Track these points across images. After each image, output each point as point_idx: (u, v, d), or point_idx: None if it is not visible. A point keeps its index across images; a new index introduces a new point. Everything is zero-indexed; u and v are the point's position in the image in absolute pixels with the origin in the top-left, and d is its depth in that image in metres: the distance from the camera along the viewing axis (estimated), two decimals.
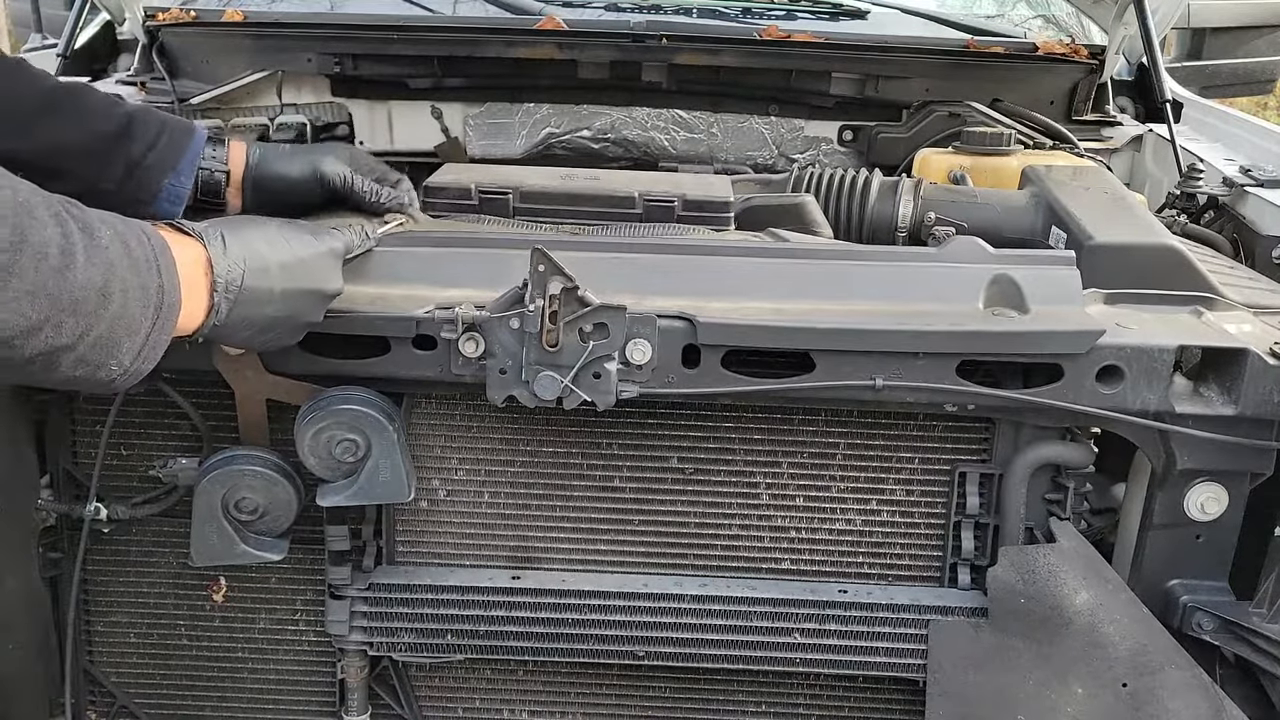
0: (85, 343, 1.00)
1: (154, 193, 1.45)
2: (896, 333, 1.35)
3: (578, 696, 1.65)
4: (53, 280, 0.95)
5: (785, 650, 1.52)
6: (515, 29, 2.33)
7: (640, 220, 1.59)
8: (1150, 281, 1.49)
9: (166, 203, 1.46)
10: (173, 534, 1.55)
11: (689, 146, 2.43)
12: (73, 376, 1.02)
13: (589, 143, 2.43)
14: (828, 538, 1.54)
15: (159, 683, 1.65)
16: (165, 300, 1.07)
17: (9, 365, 0.96)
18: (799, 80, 2.37)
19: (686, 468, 1.52)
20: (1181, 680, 1.42)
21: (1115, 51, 2.41)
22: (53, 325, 0.96)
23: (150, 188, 1.45)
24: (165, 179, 1.46)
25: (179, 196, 1.47)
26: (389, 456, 1.39)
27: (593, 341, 1.32)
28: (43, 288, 0.94)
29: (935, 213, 1.73)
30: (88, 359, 1.02)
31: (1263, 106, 6.52)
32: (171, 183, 1.46)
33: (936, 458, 1.51)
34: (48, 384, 1.13)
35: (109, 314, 1.01)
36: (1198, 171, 2.02)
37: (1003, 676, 1.47)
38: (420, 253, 1.43)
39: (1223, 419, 1.38)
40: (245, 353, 1.38)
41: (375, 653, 1.56)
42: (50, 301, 0.95)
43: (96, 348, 1.02)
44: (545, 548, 1.56)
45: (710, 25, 2.50)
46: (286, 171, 1.53)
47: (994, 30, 2.73)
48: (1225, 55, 2.90)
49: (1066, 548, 1.45)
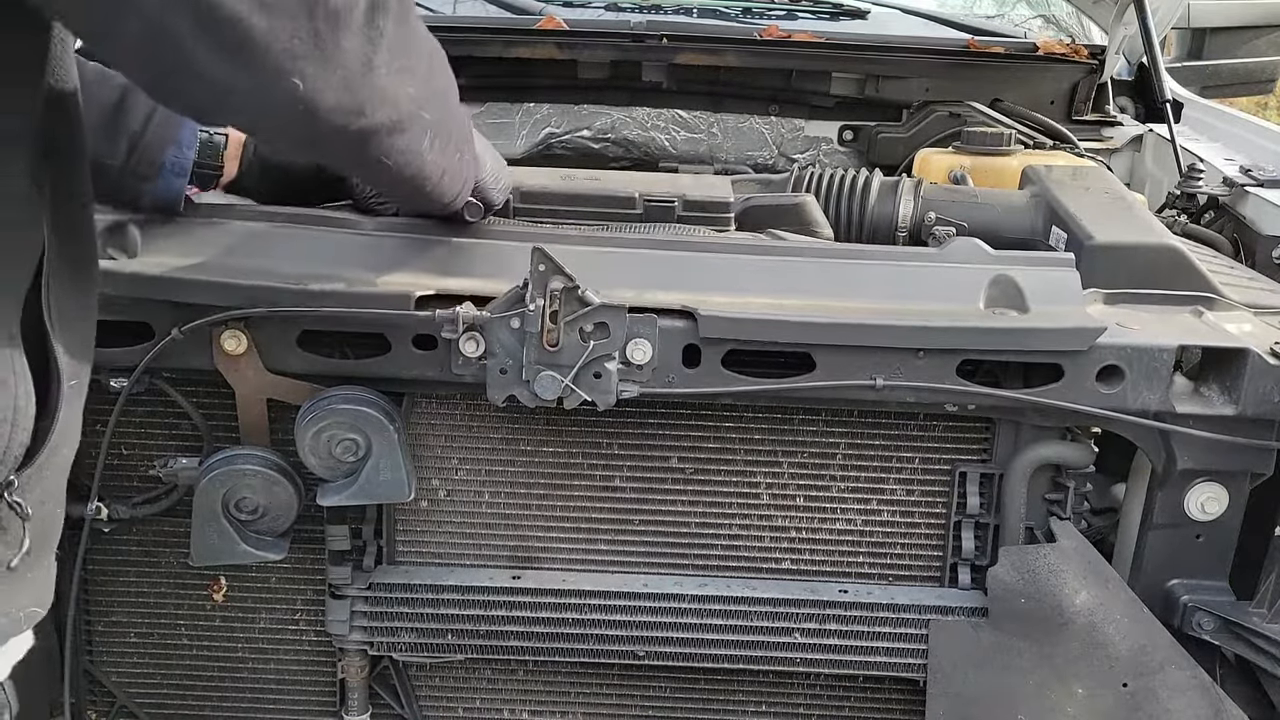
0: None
1: (157, 168, 1.40)
2: (898, 328, 1.35)
3: (578, 696, 1.65)
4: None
5: (785, 650, 1.52)
6: (515, 29, 2.34)
7: (640, 220, 1.59)
8: (1150, 281, 1.49)
9: (171, 176, 1.41)
10: (173, 534, 1.55)
11: (689, 146, 2.43)
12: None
13: (589, 143, 2.43)
14: (828, 537, 1.54)
15: (159, 682, 1.65)
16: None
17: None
18: (799, 80, 2.37)
19: (687, 467, 1.52)
20: (1182, 680, 1.42)
21: (1115, 51, 2.41)
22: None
23: (153, 162, 1.40)
24: (167, 152, 1.40)
25: (183, 169, 1.42)
26: (389, 456, 1.39)
27: (593, 341, 1.32)
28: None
29: (935, 213, 1.73)
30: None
31: (1263, 106, 6.52)
32: (174, 156, 1.41)
33: (937, 457, 1.51)
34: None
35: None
36: (1198, 171, 2.02)
37: (1003, 676, 1.47)
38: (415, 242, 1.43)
39: (1223, 419, 1.38)
40: (246, 353, 1.38)
41: (375, 652, 1.56)
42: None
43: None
44: (545, 547, 1.56)
45: (710, 25, 2.50)
46: None
47: (994, 30, 2.74)
48: (1225, 55, 2.90)
49: (1067, 547, 1.45)
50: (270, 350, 1.40)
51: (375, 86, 0.96)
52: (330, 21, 0.86)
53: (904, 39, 2.44)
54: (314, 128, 0.93)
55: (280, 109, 0.90)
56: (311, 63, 0.87)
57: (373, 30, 0.91)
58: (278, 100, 0.88)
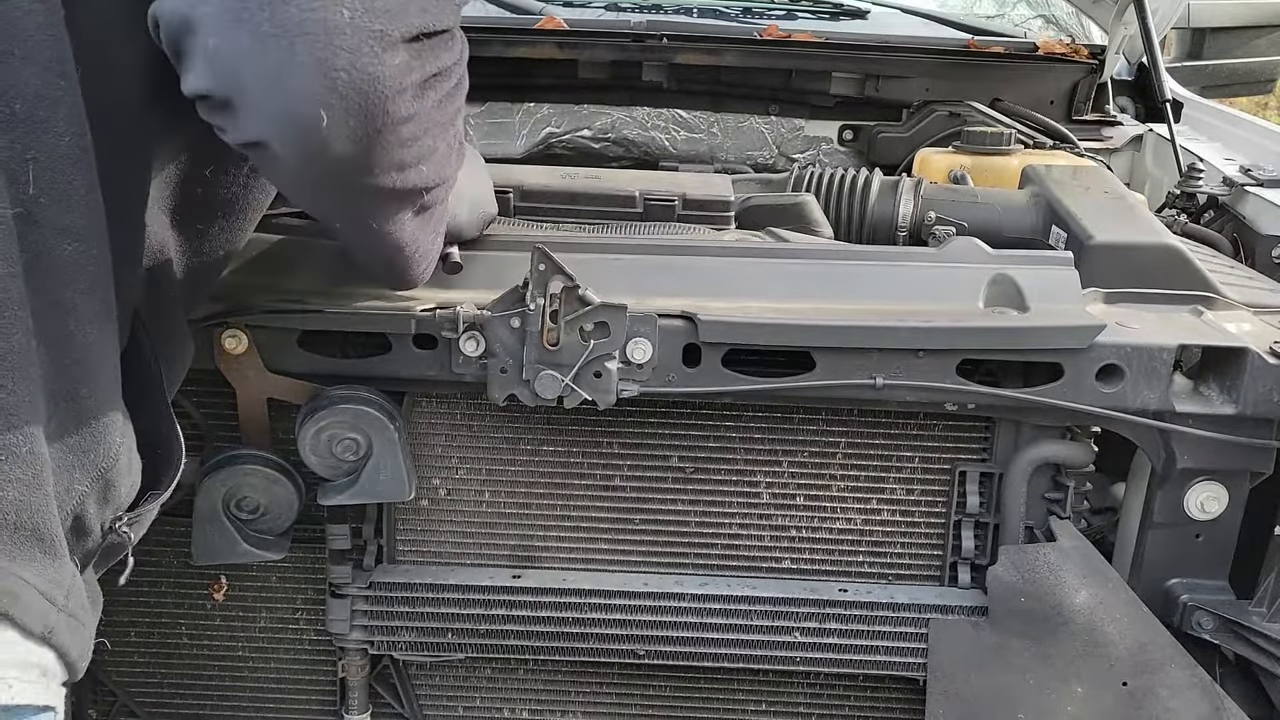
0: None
1: None
2: (898, 329, 1.35)
3: (578, 695, 1.65)
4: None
5: (785, 649, 1.52)
6: (515, 28, 2.34)
7: (641, 219, 1.59)
8: (1150, 281, 1.49)
9: None
10: (173, 533, 1.55)
11: (689, 146, 2.43)
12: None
13: (589, 142, 2.43)
14: (828, 537, 1.54)
15: (159, 682, 1.65)
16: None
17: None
18: (799, 80, 2.37)
19: (687, 467, 1.52)
20: (1182, 679, 1.42)
21: (1115, 51, 2.41)
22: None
23: None
24: None
25: None
26: (390, 455, 1.39)
27: (593, 340, 1.32)
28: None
29: (935, 212, 1.73)
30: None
31: (1263, 106, 6.52)
32: None
33: (937, 457, 1.51)
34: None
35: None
36: (1198, 171, 2.02)
37: (1003, 675, 1.47)
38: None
39: (1223, 418, 1.38)
40: (246, 352, 1.38)
41: (376, 651, 1.56)
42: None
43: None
44: (546, 546, 1.56)
45: (710, 25, 2.50)
46: None
47: (994, 30, 2.74)
48: (1225, 55, 2.90)
49: (1067, 547, 1.45)
50: (271, 350, 1.40)
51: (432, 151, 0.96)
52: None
53: (904, 39, 2.44)
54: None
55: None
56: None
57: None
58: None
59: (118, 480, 0.95)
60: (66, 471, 0.91)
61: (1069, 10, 2.86)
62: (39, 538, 0.88)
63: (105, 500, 0.95)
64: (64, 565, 0.91)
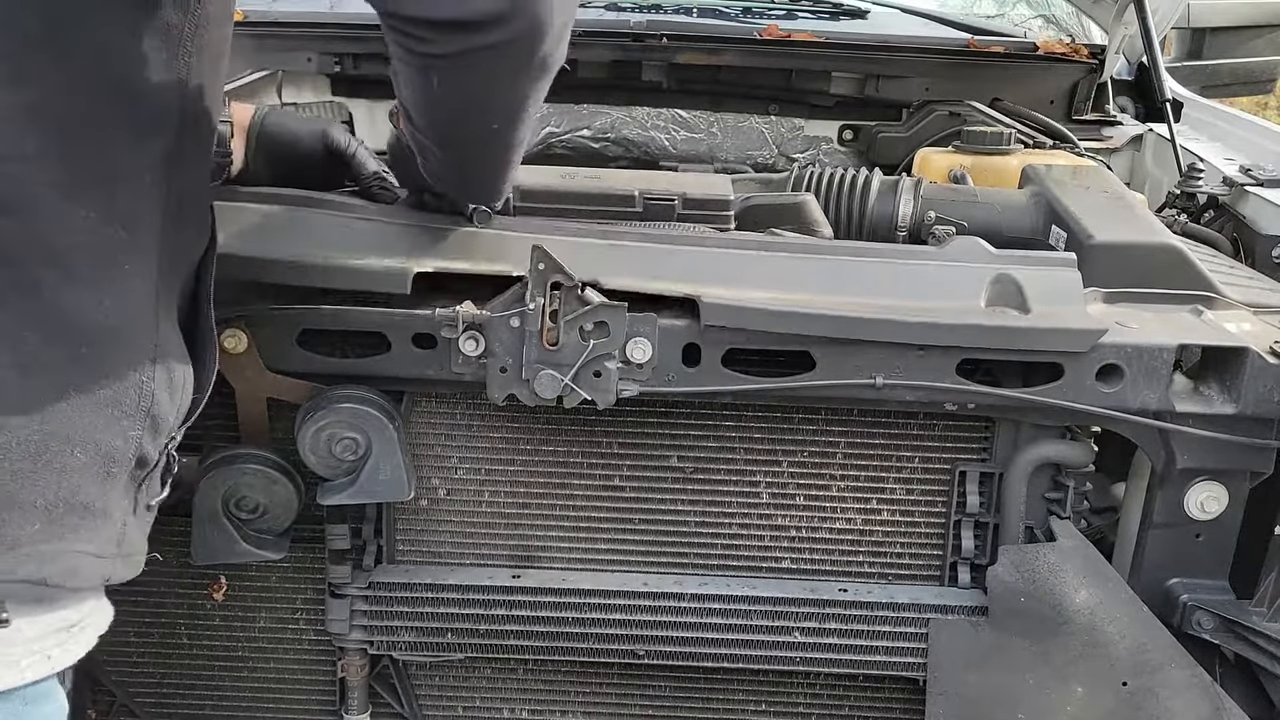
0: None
1: None
2: (901, 322, 1.35)
3: (578, 695, 1.65)
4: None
5: (785, 649, 1.52)
6: None
7: (641, 219, 1.59)
8: (1150, 280, 1.49)
9: None
10: (173, 533, 1.55)
11: (689, 146, 2.43)
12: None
13: (589, 142, 2.43)
14: (828, 536, 1.54)
15: (159, 682, 1.65)
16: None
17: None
18: (799, 80, 2.38)
19: (687, 466, 1.52)
20: (1182, 679, 1.42)
21: (1115, 51, 2.41)
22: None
23: None
24: None
25: None
26: (389, 455, 1.39)
27: (593, 340, 1.32)
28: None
29: (935, 212, 1.72)
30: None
31: (1263, 106, 6.52)
32: None
33: (936, 457, 1.51)
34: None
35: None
36: (1198, 171, 2.02)
37: (1003, 675, 1.47)
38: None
39: (1223, 418, 1.38)
40: (246, 352, 1.38)
41: (375, 651, 1.56)
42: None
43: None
44: (545, 546, 1.56)
45: (710, 25, 2.50)
46: (296, 129, 1.53)
47: (994, 30, 2.74)
48: (1225, 55, 2.90)
49: (1066, 546, 1.45)
50: (270, 349, 1.40)
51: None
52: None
53: (904, 39, 2.44)
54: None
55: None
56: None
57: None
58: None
59: (162, 414, 1.04)
60: (117, 423, 0.99)
61: (1069, 10, 2.86)
62: (91, 511, 0.98)
63: (156, 431, 1.04)
64: (115, 520, 1.02)
